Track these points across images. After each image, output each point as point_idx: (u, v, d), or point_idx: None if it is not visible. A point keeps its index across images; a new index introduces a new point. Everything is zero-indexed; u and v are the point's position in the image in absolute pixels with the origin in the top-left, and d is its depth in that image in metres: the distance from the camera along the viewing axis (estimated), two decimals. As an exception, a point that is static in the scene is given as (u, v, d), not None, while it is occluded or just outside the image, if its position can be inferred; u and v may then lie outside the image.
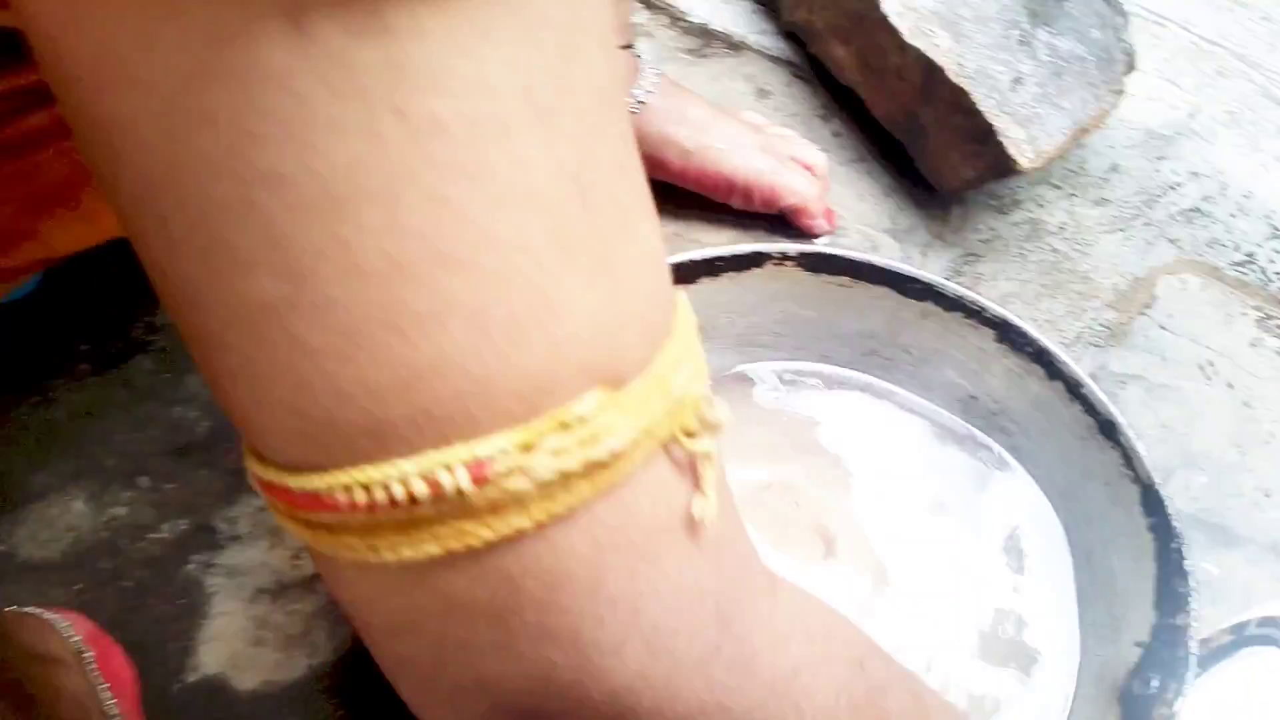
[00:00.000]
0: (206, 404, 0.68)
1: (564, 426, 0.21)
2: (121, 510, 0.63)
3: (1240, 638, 0.52)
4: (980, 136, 0.76)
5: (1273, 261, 0.84)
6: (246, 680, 0.59)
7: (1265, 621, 0.51)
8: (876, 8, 0.79)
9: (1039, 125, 0.77)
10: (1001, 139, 0.75)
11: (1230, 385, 0.78)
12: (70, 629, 0.56)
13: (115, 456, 0.65)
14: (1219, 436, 0.75)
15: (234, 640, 0.60)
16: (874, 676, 0.32)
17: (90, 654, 0.56)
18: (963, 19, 0.79)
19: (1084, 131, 0.79)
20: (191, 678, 0.59)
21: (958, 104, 0.77)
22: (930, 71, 0.77)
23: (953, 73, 0.76)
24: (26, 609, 0.56)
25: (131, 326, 0.69)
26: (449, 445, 0.20)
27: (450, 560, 0.21)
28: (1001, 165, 0.77)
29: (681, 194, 0.77)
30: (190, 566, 0.62)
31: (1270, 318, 0.81)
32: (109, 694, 0.56)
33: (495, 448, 0.20)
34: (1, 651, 0.53)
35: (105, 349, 0.69)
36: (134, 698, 0.57)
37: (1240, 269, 0.83)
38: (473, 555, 0.21)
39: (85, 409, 0.66)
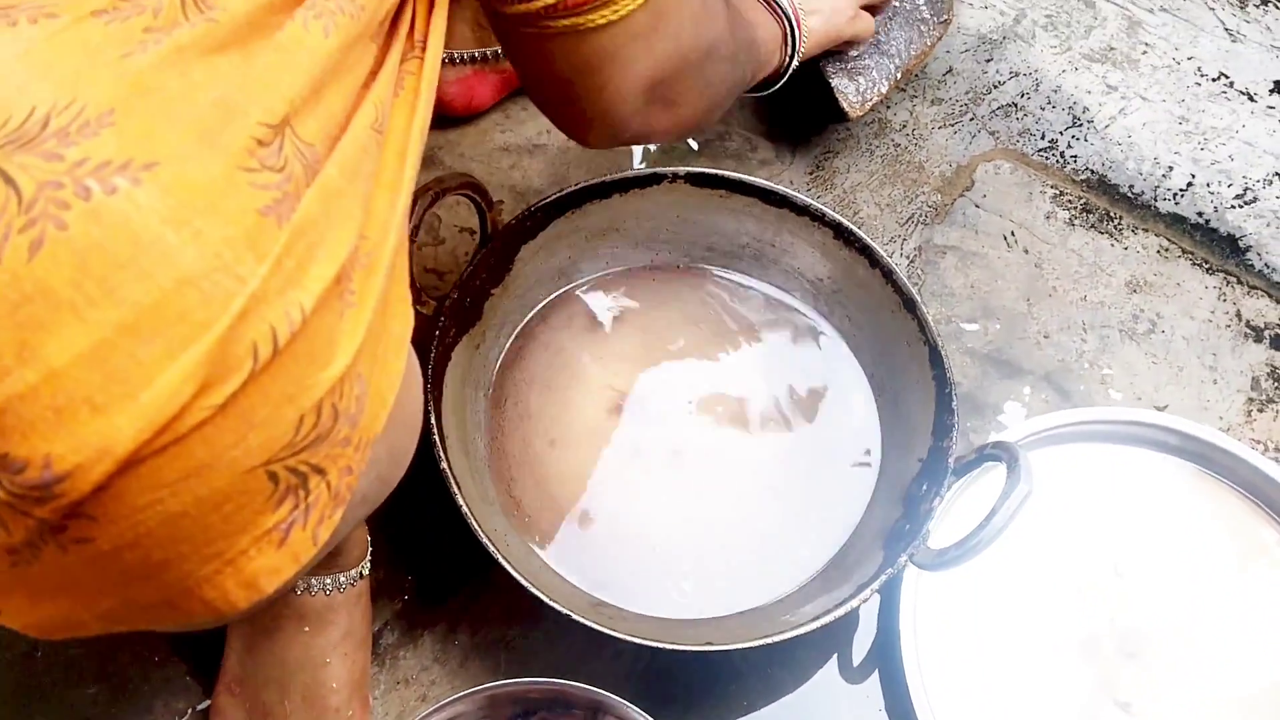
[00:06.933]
0: None
1: None
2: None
3: (980, 455, 0.74)
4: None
5: (1070, 147, 1.05)
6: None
7: (996, 445, 0.73)
8: None
9: (866, 77, 0.95)
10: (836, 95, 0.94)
11: (1026, 251, 1.00)
12: None
13: None
14: (1014, 292, 0.98)
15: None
16: None
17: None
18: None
19: (908, 73, 0.96)
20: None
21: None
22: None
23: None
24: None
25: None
26: None
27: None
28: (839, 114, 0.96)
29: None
30: None
31: (1064, 194, 1.03)
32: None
33: None
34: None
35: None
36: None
37: (1044, 154, 1.05)
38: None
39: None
